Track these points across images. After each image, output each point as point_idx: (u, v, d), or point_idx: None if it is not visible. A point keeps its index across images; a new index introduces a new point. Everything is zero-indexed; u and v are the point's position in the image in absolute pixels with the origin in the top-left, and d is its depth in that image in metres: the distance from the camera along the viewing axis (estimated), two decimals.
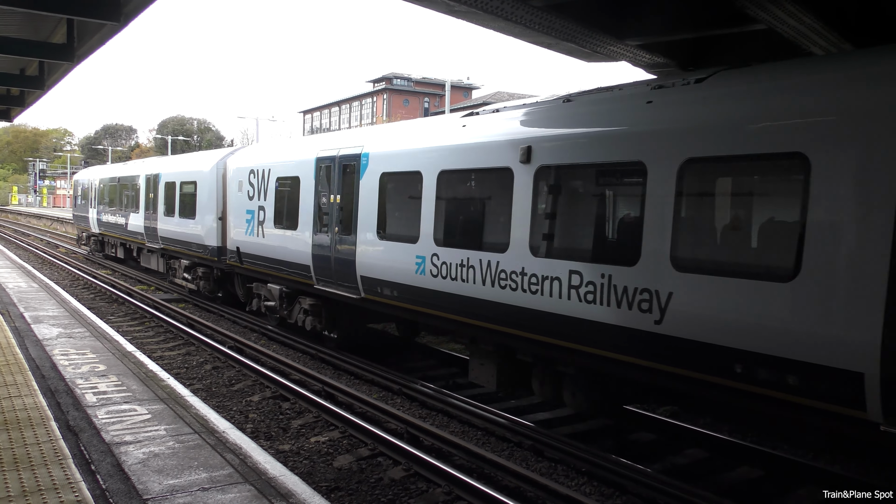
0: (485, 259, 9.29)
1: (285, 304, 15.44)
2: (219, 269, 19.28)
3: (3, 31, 12.26)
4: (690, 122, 7.05)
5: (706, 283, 6.67)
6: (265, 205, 15.62)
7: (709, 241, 7.32)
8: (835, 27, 7.87)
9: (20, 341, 11.15)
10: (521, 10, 8.28)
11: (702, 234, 7.40)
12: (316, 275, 13.50)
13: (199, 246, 19.79)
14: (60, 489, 5.56)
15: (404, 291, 11.04)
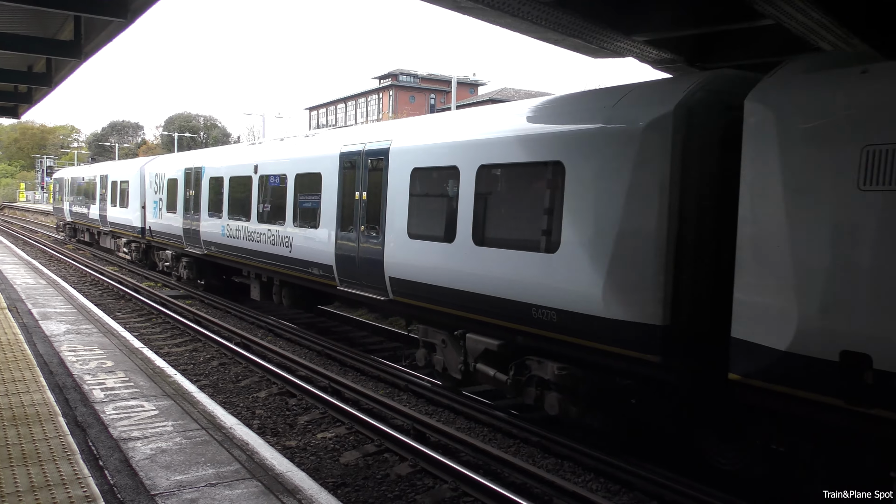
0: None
1: (173, 262, 23.06)
2: (143, 242, 26.17)
3: (10, 27, 12.30)
4: (486, 137, 9.83)
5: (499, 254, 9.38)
6: (163, 196, 22.69)
7: (499, 224, 9.66)
8: (843, 22, 7.82)
9: (28, 337, 11.20)
10: (528, 6, 8.25)
11: (493, 218, 9.70)
12: (185, 240, 20.79)
13: (130, 227, 26.81)
14: (69, 484, 5.58)
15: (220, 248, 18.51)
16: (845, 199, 5.99)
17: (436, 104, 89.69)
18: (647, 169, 7.52)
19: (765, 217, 6.53)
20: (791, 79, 6.70)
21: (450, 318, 10.42)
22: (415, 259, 10.89)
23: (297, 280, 15.10)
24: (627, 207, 7.68)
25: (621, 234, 7.73)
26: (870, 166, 5.82)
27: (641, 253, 7.54)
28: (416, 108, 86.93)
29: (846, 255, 6.00)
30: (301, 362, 13.04)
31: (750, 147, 6.68)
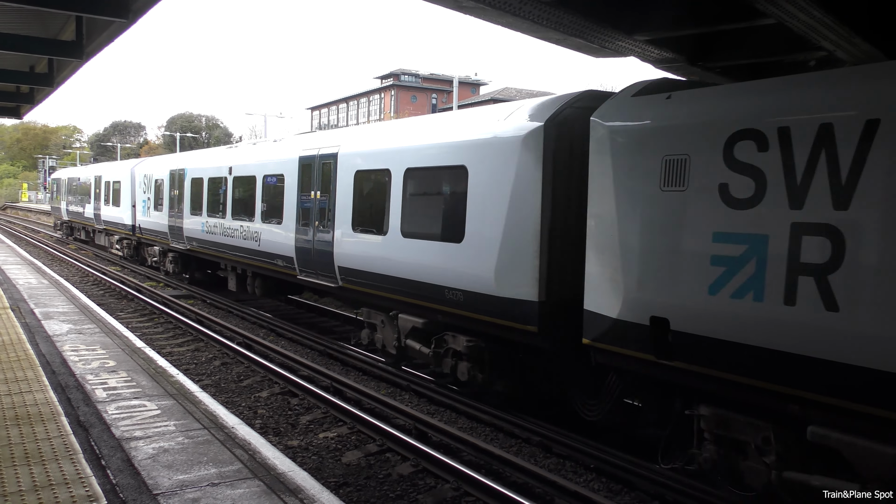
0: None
1: (161, 258, 24.76)
2: (134, 239, 27.71)
3: (12, 28, 12.31)
4: (411, 145, 11.52)
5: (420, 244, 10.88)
6: (151, 196, 24.40)
7: (420, 219, 11.10)
8: (845, 21, 7.82)
9: (31, 337, 11.22)
10: (529, 5, 8.24)
11: (416, 214, 11.17)
12: (171, 237, 22.49)
13: (122, 225, 28.34)
14: (71, 484, 5.59)
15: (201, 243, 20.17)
16: (652, 198, 7.49)
17: (437, 104, 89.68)
18: (525, 172, 9.13)
19: (602, 211, 8.08)
20: (623, 101, 8.26)
21: (386, 300, 12.07)
22: (358, 250, 12.55)
23: (265, 271, 16.63)
24: (512, 204, 9.27)
25: (507, 226, 9.32)
26: (667, 172, 7.37)
27: (522, 242, 9.16)
28: (418, 107, 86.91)
29: (652, 241, 7.52)
30: (303, 362, 13.06)
31: (593, 155, 8.23)
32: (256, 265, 16.86)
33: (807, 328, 6.20)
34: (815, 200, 6.17)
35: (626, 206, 7.79)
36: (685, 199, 7.20)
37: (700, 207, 7.08)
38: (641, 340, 7.60)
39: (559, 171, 9.03)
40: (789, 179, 6.38)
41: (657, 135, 7.58)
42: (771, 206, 6.47)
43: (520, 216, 9.17)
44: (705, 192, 7.02)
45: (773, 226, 6.45)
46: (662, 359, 7.40)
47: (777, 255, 6.38)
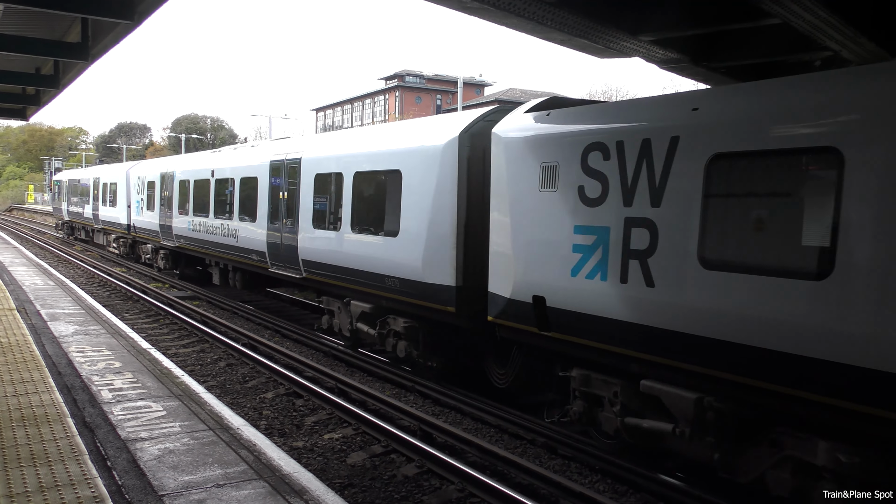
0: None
1: (153, 255, 26.38)
2: (129, 238, 29.32)
3: (18, 30, 12.36)
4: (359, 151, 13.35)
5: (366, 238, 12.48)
6: (144, 197, 25.99)
7: (366, 216, 12.64)
8: (850, 21, 7.79)
9: (37, 338, 11.26)
10: (534, 6, 8.24)
11: (362, 212, 12.77)
12: (161, 235, 24.15)
13: (118, 224, 29.79)
14: (77, 485, 5.61)
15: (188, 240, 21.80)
16: (533, 197, 9.03)
17: (442, 105, 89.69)
18: (445, 176, 10.66)
19: (498, 209, 9.63)
20: (516, 116, 9.74)
21: (341, 289, 13.67)
22: (317, 244, 14.13)
23: (243, 265, 18.30)
24: (434, 203, 10.81)
25: (431, 222, 10.85)
26: (544, 176, 8.90)
27: (443, 235, 10.66)
28: (423, 108, 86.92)
29: (533, 233, 9.08)
30: (308, 363, 13.07)
31: (493, 161, 9.78)
32: (236, 260, 18.48)
33: (636, 301, 7.68)
34: (640, 199, 7.66)
35: (515, 204, 9.39)
36: (556, 198, 8.75)
37: (565, 205, 8.61)
38: (527, 316, 9.18)
39: (472, 175, 10.57)
40: (623, 182, 7.87)
41: (537, 145, 9.14)
42: (611, 204, 8.00)
43: (441, 214, 10.71)
44: (569, 192, 8.56)
45: (613, 220, 7.98)
46: (543, 330, 9.01)
47: (615, 243, 7.91)
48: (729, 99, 7.44)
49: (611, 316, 7.96)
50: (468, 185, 10.55)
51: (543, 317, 8.92)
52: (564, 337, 8.73)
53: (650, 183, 7.53)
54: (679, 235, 7.22)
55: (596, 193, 8.18)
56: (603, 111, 8.95)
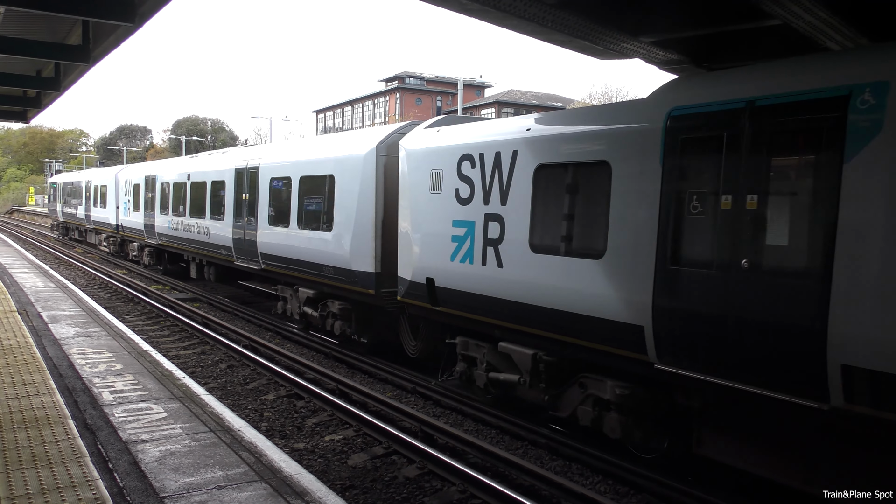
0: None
1: (139, 252, 28.60)
2: (118, 237, 31.57)
3: (19, 32, 12.37)
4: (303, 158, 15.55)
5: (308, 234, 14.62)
6: (131, 198, 27.97)
7: (308, 215, 14.72)
8: (851, 22, 7.79)
9: (38, 340, 11.26)
10: (535, 7, 8.25)
11: (305, 211, 14.87)
12: (146, 233, 26.36)
13: (108, 224, 32.14)
14: (78, 487, 5.61)
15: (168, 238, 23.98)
16: (425, 198, 11.18)
17: (442, 106, 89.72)
18: (366, 180, 12.82)
19: (403, 207, 11.77)
20: (417, 131, 11.94)
21: (290, 277, 15.87)
22: (272, 239, 16.24)
23: (215, 259, 20.41)
24: (359, 203, 12.95)
25: (357, 219, 12.98)
26: (433, 180, 11.02)
27: (365, 230, 12.81)
28: (423, 110, 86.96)
29: (425, 227, 11.19)
30: (309, 364, 13.07)
31: (400, 169, 11.88)
32: (209, 255, 20.69)
33: (492, 279, 9.78)
34: (494, 199, 9.80)
35: (414, 203, 11.48)
36: (440, 198, 10.85)
37: (447, 204, 10.70)
38: (423, 294, 11.26)
39: (388, 180, 12.65)
40: (483, 185, 9.98)
41: (429, 155, 11.20)
42: (476, 203, 10.10)
43: (363, 211, 12.86)
44: (449, 193, 10.68)
45: (477, 215, 10.07)
46: (434, 306, 11.14)
47: (479, 234, 10.04)
48: (547, 122, 9.57)
49: (477, 292, 10.12)
50: (385, 188, 12.71)
51: (434, 295, 11.04)
52: (449, 310, 10.92)
53: (500, 186, 9.71)
54: (518, 227, 9.42)
55: (466, 194, 10.35)
56: (474, 128, 10.98)
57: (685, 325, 7.20)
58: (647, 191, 7.62)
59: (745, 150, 6.75)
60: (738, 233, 6.77)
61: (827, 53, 7.45)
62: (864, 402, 5.96)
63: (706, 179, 7.19)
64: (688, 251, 7.34)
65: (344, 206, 13.35)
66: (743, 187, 6.75)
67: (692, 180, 7.37)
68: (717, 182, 6.99)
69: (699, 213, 7.23)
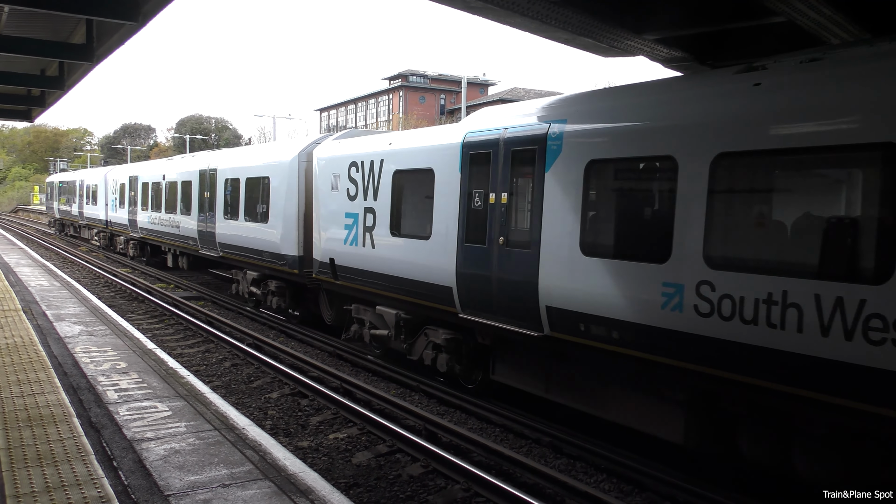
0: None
1: (125, 244, 31.94)
2: (107, 231, 34.74)
3: (23, 31, 12.40)
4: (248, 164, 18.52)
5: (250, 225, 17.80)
6: (117, 196, 31.27)
7: (251, 209, 17.72)
8: (855, 19, 7.77)
9: (42, 339, 11.29)
10: (538, 4, 8.24)
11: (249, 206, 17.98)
12: (129, 228, 29.50)
13: (98, 220, 35.76)
14: (83, 485, 5.62)
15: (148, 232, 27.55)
16: (328, 196, 14.12)
17: (446, 104, 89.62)
18: (291, 181, 15.92)
19: (314, 203, 14.85)
20: (327, 142, 15.09)
21: (241, 262, 18.93)
22: (226, 230, 19.35)
23: (185, 249, 23.61)
24: (286, 199, 16.04)
25: (285, 213, 16.04)
26: (333, 182, 13.91)
27: (291, 221, 15.83)
28: (426, 108, 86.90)
29: (328, 218, 14.16)
30: (313, 363, 13.08)
31: (313, 172, 14.92)
32: (180, 245, 23.90)
33: (371, 257, 12.70)
34: (370, 195, 12.73)
35: (321, 200, 14.57)
36: (338, 195, 13.84)
37: (341, 200, 13.71)
38: (329, 271, 14.17)
39: (308, 181, 15.57)
40: (364, 185, 12.94)
41: (331, 162, 14.29)
42: (359, 199, 13.06)
43: (290, 207, 15.92)
44: (343, 192, 13.66)
45: (360, 208, 13.06)
46: (336, 280, 14.03)
47: (360, 223, 12.98)
48: (401, 139, 12.62)
49: (361, 267, 13.08)
50: (305, 187, 15.67)
51: (335, 271, 13.96)
52: (345, 283, 13.83)
53: (373, 186, 12.69)
54: (384, 216, 12.38)
55: (353, 192, 13.32)
56: (361, 141, 13.89)
57: (472, 284, 10.22)
58: (453, 190, 10.61)
59: (500, 163, 9.81)
60: (498, 219, 9.76)
61: (549, 98, 10.06)
62: (558, 330, 8.91)
63: (482, 182, 10.10)
64: (472, 233, 10.21)
65: (276, 202, 16.45)
66: (501, 188, 9.75)
67: (475, 183, 10.23)
68: (487, 184, 9.99)
69: (479, 206, 10.14)
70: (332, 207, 13.99)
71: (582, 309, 8.47)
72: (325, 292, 15.45)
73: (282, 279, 16.92)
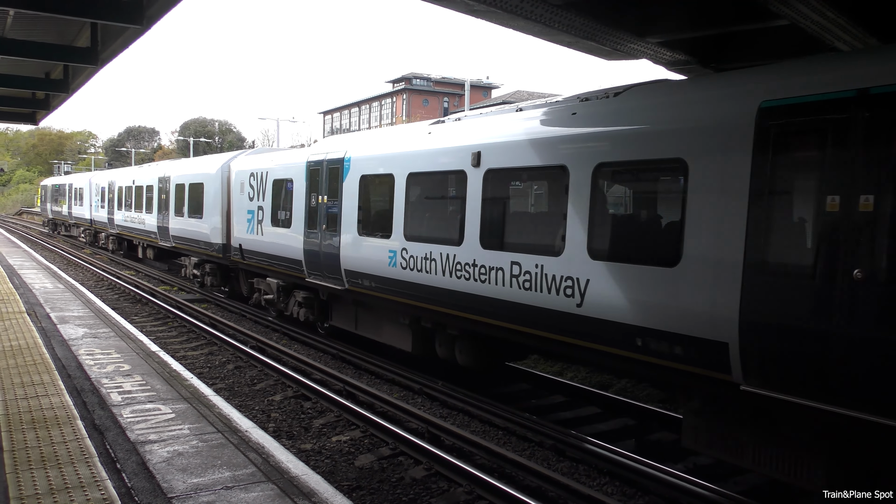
0: None
1: (105, 240, 36.90)
2: (92, 229, 39.70)
3: (28, 35, 12.45)
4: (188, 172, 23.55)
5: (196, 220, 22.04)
6: (99, 198, 36.06)
7: (196, 209, 21.89)
8: (859, 22, 7.77)
9: (47, 341, 11.32)
10: (541, 8, 8.25)
11: (193, 205, 22.36)
12: (109, 225, 34.42)
13: (84, 219, 40.80)
14: (87, 487, 5.63)
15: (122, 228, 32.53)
16: (244, 199, 18.24)
17: (449, 107, 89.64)
18: (216, 186, 20.05)
19: (232, 203, 19.08)
20: (242, 156, 19.93)
21: (187, 251, 23.39)
22: (176, 225, 23.62)
23: (150, 243, 27.73)
24: (213, 201, 20.16)
25: (213, 211, 20.16)
26: (241, 188, 18.41)
27: (217, 217, 19.90)
28: (430, 111, 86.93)
29: (239, 214, 18.65)
30: (316, 365, 13.09)
31: (231, 180, 19.42)
32: (145, 239, 28.26)
33: (261, 242, 16.94)
34: (260, 196, 17.28)
35: (234, 200, 18.85)
36: (243, 198, 18.20)
37: (245, 201, 17.97)
38: (239, 254, 18.33)
39: (228, 187, 19.68)
40: (257, 190, 17.28)
41: (240, 172, 18.70)
42: (255, 200, 17.34)
43: (216, 207, 20.05)
44: (245, 195, 18.00)
45: (255, 207, 17.36)
46: (245, 261, 18.18)
47: (256, 217, 17.24)
48: (277, 157, 17.13)
49: (256, 250, 17.41)
50: (229, 192, 19.61)
51: (243, 254, 18.23)
52: (249, 263, 18.11)
53: (262, 190, 17.10)
54: (268, 212, 16.75)
55: (252, 195, 17.70)
56: (258, 158, 18.34)
57: (310, 257, 14.68)
58: (301, 194, 15.22)
59: (323, 176, 14.27)
60: (323, 213, 14.23)
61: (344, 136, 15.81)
62: (351, 284, 13.25)
63: (315, 188, 14.54)
64: (310, 222, 14.80)
65: (207, 203, 20.71)
66: (323, 192, 14.23)
67: (311, 188, 14.72)
68: (317, 189, 14.42)
69: (314, 205, 14.49)
70: (240, 206, 18.50)
71: (359, 269, 12.91)
72: (241, 271, 19.54)
73: (213, 262, 21.58)
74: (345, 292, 13.46)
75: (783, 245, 6.48)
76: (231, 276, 21.16)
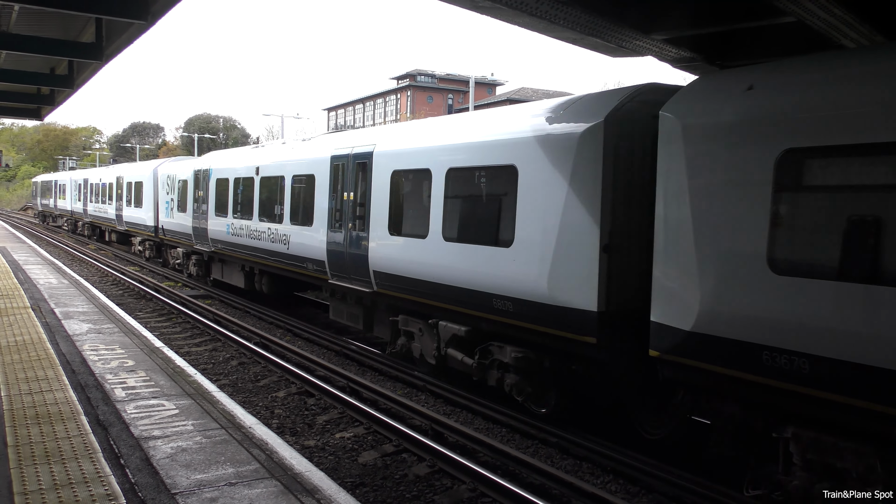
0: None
1: (90, 231, 42.13)
2: (73, 219, 46.46)
3: (33, 30, 12.45)
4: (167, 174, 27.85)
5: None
6: (76, 192, 43.83)
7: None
8: (866, 20, 7.72)
9: (51, 337, 11.34)
10: (546, 4, 8.21)
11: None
12: (84, 216, 42.73)
13: (66, 210, 47.41)
14: (91, 482, 5.64)
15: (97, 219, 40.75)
16: (161, 193, 26.89)
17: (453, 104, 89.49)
18: (150, 184, 27.72)
19: (157, 197, 27.15)
20: (164, 164, 28.28)
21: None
22: (127, 213, 30.60)
23: (112, 228, 34.56)
24: (147, 195, 27.83)
25: (148, 202, 27.81)
26: (163, 186, 26.92)
27: (151, 207, 27.50)
28: (434, 108, 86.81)
29: (162, 205, 26.60)
30: (319, 362, 13.09)
31: (158, 180, 27.45)
32: (109, 225, 34.82)
33: (171, 222, 25.14)
34: (172, 193, 24.98)
35: (160, 195, 26.28)
36: (164, 194, 25.80)
37: (164, 196, 25.68)
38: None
39: (157, 185, 26.90)
40: (172, 188, 24.91)
41: (162, 175, 26.45)
42: (170, 195, 25.24)
43: (150, 199, 27.08)
44: (164, 191, 25.86)
45: (169, 199, 25.25)
46: (164, 237, 26.41)
47: (170, 206, 25.18)
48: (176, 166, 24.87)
49: (169, 228, 25.12)
50: (157, 188, 26.39)
51: (164, 233, 25.97)
52: (166, 238, 25.83)
53: (175, 188, 24.07)
54: (174, 202, 24.22)
55: (168, 191, 25.09)
56: (175, 164, 24.93)
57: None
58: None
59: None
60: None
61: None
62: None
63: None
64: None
65: (146, 196, 27.74)
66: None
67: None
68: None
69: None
70: (162, 199, 25.41)
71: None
72: (165, 245, 26.66)
73: (149, 240, 28.73)
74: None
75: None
76: (161, 249, 28.29)
